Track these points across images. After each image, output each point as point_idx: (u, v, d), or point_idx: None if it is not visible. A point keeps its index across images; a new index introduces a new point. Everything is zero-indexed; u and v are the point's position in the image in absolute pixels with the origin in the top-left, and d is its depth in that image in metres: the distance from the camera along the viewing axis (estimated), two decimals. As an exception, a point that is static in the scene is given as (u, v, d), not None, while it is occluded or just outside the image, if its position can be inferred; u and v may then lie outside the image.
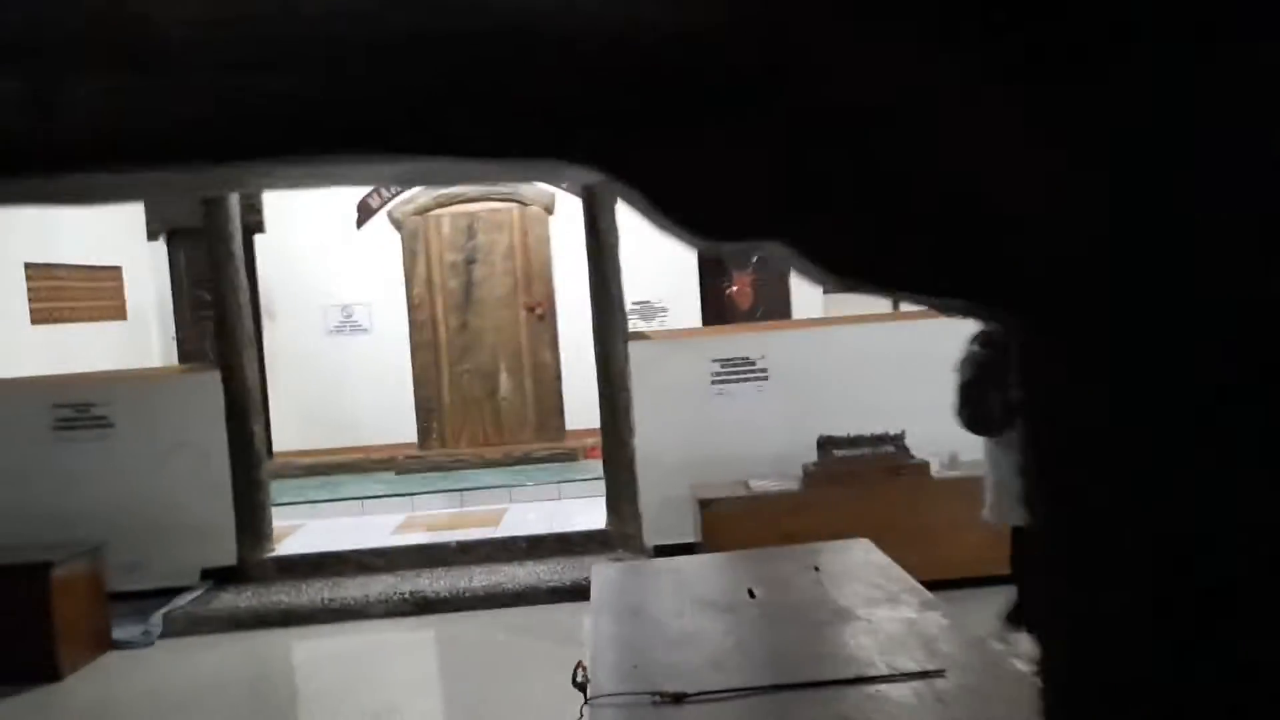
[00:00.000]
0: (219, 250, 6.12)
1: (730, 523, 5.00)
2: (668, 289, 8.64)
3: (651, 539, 5.99)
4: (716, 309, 8.65)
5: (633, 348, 6.27)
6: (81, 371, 6.41)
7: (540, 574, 5.66)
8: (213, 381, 6.11)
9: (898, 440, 5.27)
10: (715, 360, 6.26)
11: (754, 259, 8.64)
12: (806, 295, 8.59)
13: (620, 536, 6.05)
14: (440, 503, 7.21)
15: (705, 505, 5.15)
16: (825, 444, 5.27)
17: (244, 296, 6.16)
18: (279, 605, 5.48)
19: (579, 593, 5.55)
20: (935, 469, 5.23)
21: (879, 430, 5.49)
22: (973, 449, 5.73)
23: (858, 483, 5.05)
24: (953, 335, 6.33)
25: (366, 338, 8.56)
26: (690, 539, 5.73)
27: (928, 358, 6.18)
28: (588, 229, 6.26)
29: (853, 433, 5.49)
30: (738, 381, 6.27)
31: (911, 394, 6.02)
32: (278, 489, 6.69)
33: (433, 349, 8.51)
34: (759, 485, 5.28)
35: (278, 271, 8.50)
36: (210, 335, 7.26)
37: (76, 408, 6.08)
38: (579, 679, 1.92)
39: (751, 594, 2.38)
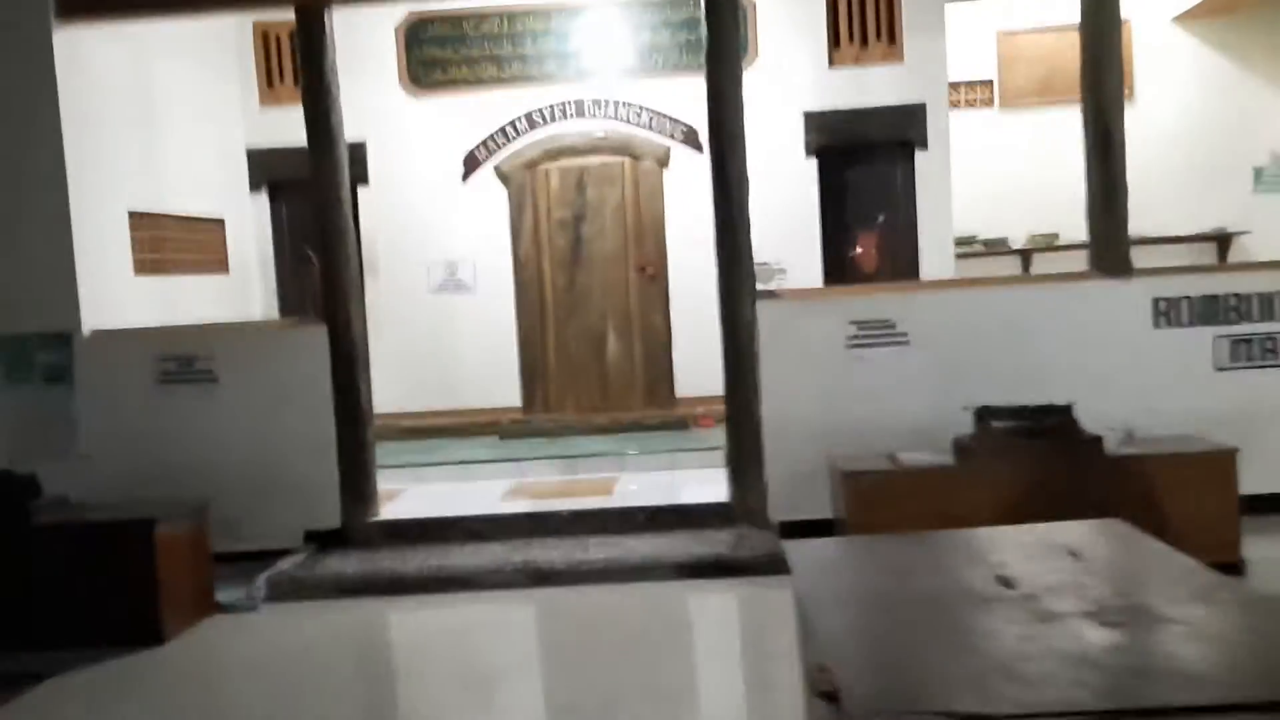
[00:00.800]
0: (328, 198, 5.80)
1: (878, 499, 4.53)
2: (787, 249, 8.12)
3: (778, 513, 5.54)
4: (838, 271, 8.11)
5: (761, 307, 5.80)
6: (185, 324, 6.19)
7: (661, 548, 5.26)
8: (319, 336, 5.82)
9: (1065, 412, 4.71)
10: (851, 322, 5.75)
11: (879, 218, 8.08)
12: (935, 258, 8.00)
13: (744, 510, 5.61)
14: (548, 469, 6.85)
15: (851, 479, 4.67)
16: (983, 415, 4.74)
17: (350, 249, 5.84)
18: (385, 572, 5.18)
19: (703, 569, 5.16)
20: (1110, 446, 4.66)
21: (1037, 401, 4.94)
22: (1149, 424, 5.20)
23: (1022, 458, 4.52)
24: (1122, 301, 5.81)
25: (470, 296, 8.23)
26: (823, 514, 5.28)
27: (1094, 324, 5.63)
28: (715, 175, 5.78)
29: (1007, 403, 4.95)
30: (875, 345, 5.75)
31: (1074, 363, 5.47)
32: (379, 452, 6.41)
33: (538, 309, 8.15)
34: (909, 458, 4.78)
35: (381, 226, 8.22)
36: (312, 290, 7.02)
37: (180, 360, 5.85)
38: (823, 687, 1.48)
39: (1007, 583, 1.92)
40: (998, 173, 8.94)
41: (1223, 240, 9.09)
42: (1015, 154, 9.05)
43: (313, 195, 5.91)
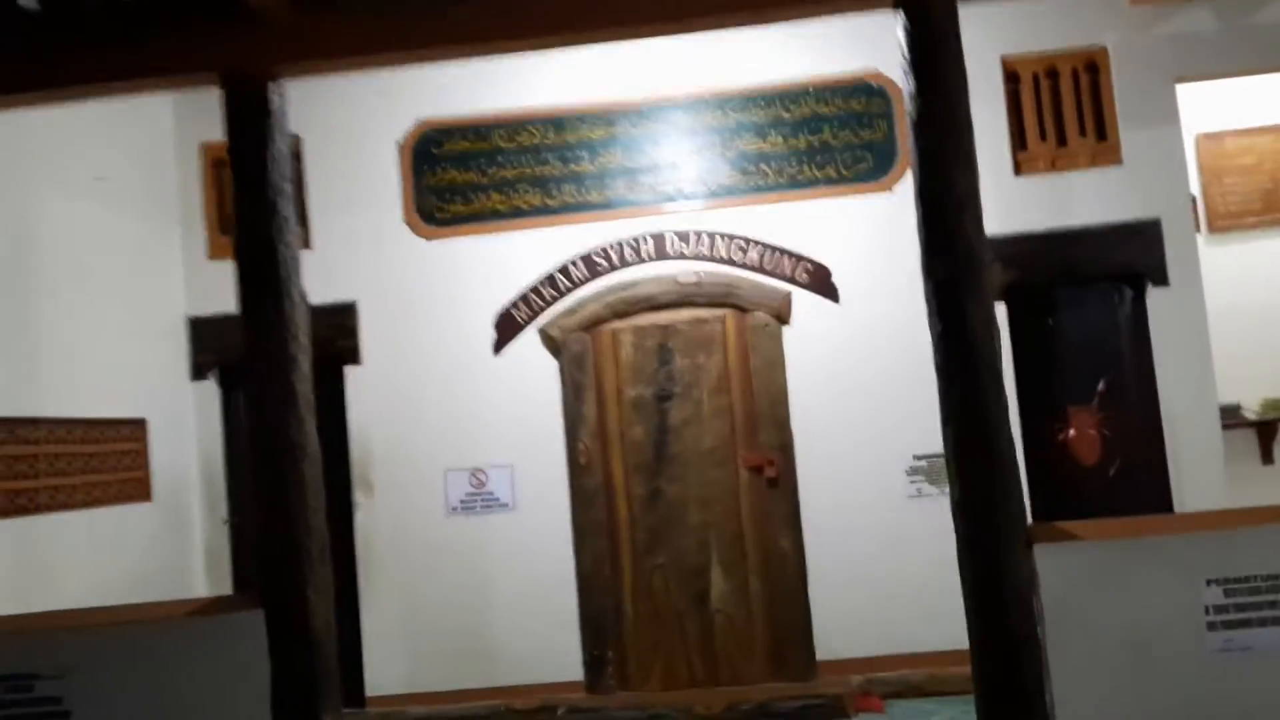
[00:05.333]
0: (269, 392, 3.31)
1: None
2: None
3: None
4: (1041, 465, 5.54)
5: (1042, 554, 3.26)
6: (27, 613, 3.61)
7: None
8: (252, 627, 3.25)
9: None
10: (1212, 582, 3.18)
11: (1100, 385, 5.55)
12: (1191, 441, 5.43)
13: None
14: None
15: None
16: None
17: (310, 478, 3.30)
18: None
19: None
20: None
21: None
22: None
23: None
24: None
25: (507, 517, 5.65)
26: None
27: None
28: (940, 323, 3.33)
29: None
30: (1265, 624, 3.17)
31: None
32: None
33: (608, 533, 5.56)
34: None
35: (377, 421, 5.73)
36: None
37: (7, 685, 3.28)
38: None
39: None
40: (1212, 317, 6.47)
41: None
42: (1232, 290, 6.58)
43: (247, 389, 3.43)
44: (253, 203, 3.32)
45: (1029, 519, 3.44)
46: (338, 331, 5.71)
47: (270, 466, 3.27)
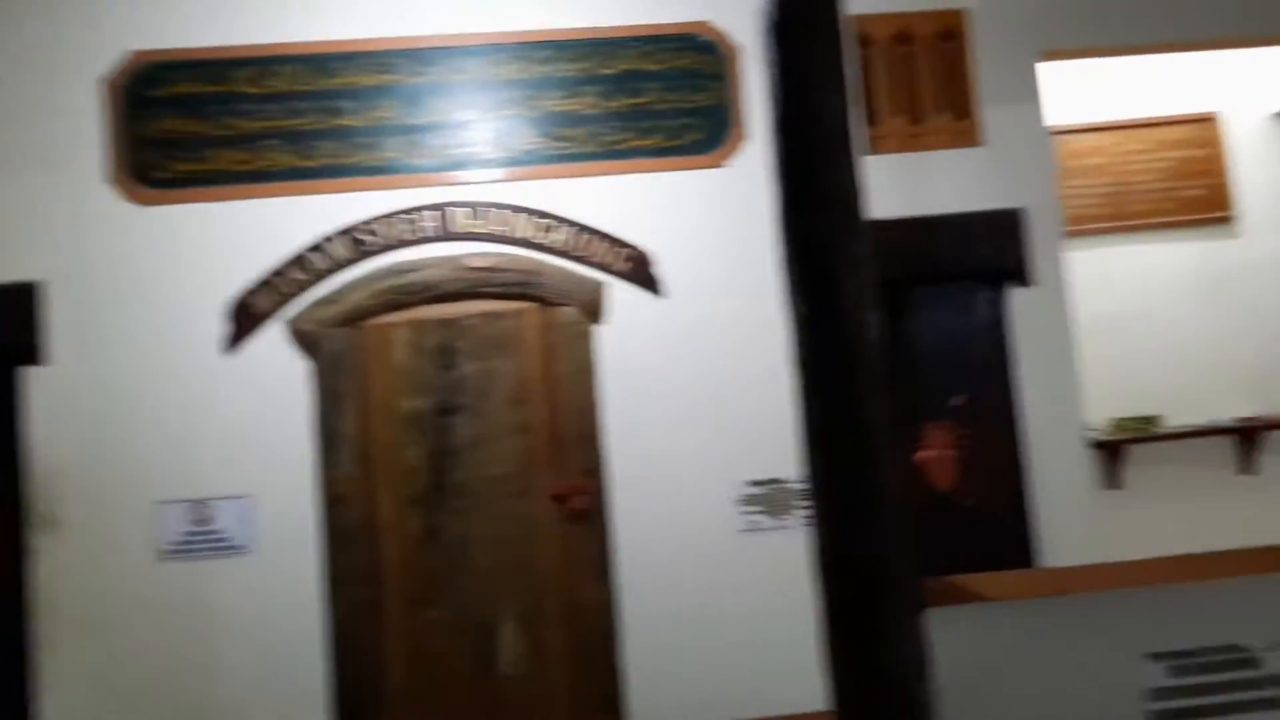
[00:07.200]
0: None
1: None
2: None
3: None
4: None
5: (939, 622, 2.34)
6: None
7: None
8: None
9: None
10: (1152, 656, 2.38)
11: (955, 400, 4.83)
12: (1055, 462, 4.76)
13: None
14: None
15: None
16: None
17: None
18: None
19: None
20: None
21: None
22: None
23: None
24: None
25: (240, 563, 4.38)
26: None
27: None
28: (798, 331, 2.37)
29: None
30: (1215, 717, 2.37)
31: None
32: None
33: (371, 582, 4.39)
34: None
35: (68, 439, 4.36)
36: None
37: None
38: None
39: None
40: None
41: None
42: (1079, 300, 6.06)
43: None
44: None
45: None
46: (12, 322, 4.34)
47: None
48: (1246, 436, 6.18)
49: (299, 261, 4.48)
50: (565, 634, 4.45)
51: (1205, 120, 6.47)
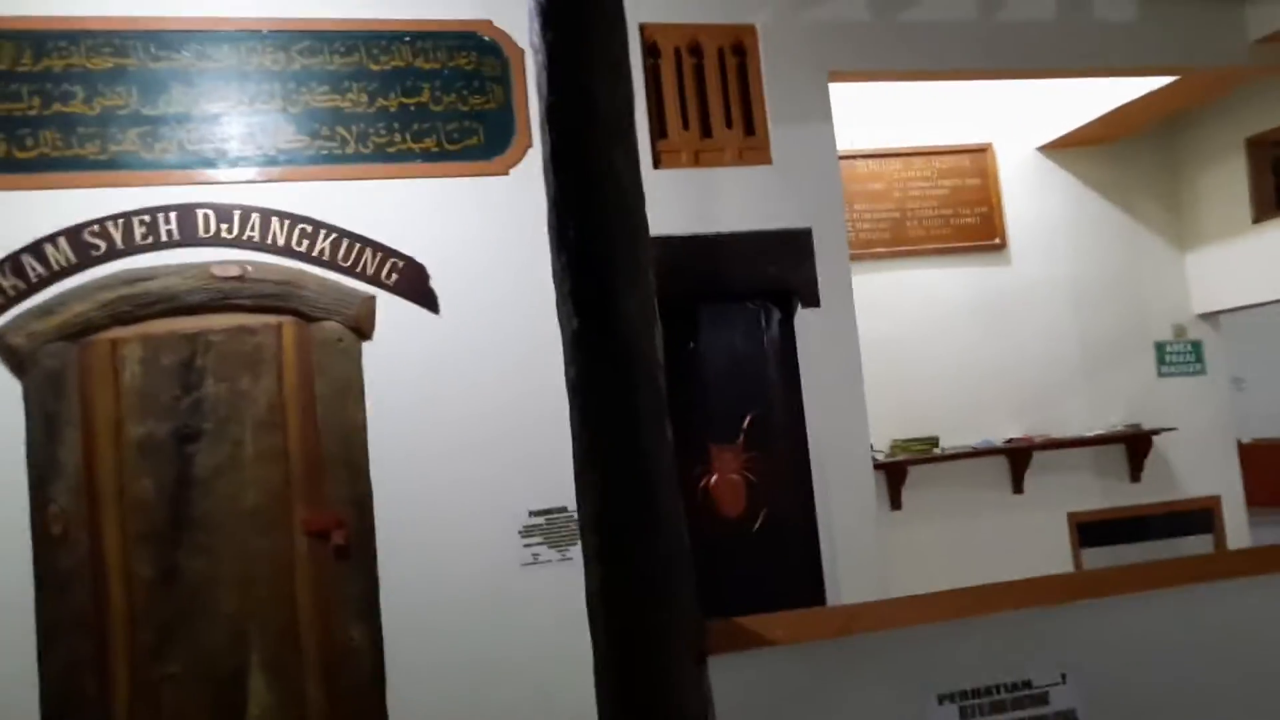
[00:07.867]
0: None
1: None
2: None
3: None
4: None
5: (721, 669, 2.14)
6: None
7: None
8: None
9: None
10: (945, 698, 2.23)
11: (744, 421, 4.72)
12: (840, 483, 4.71)
13: None
14: None
15: None
16: None
17: None
18: None
19: None
20: None
21: None
22: None
23: None
24: None
25: (-71, 616, 3.73)
26: None
27: None
28: (571, 342, 2.15)
29: None
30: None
31: None
32: None
33: (93, 632, 3.83)
34: None
35: None
36: None
37: None
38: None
39: None
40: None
41: (1135, 441, 6.64)
42: (859, 323, 6.14)
43: None
44: None
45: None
46: None
47: None
48: (1017, 457, 6.40)
49: (10, 264, 3.87)
50: (323, 684, 4.01)
51: (980, 151, 6.71)
